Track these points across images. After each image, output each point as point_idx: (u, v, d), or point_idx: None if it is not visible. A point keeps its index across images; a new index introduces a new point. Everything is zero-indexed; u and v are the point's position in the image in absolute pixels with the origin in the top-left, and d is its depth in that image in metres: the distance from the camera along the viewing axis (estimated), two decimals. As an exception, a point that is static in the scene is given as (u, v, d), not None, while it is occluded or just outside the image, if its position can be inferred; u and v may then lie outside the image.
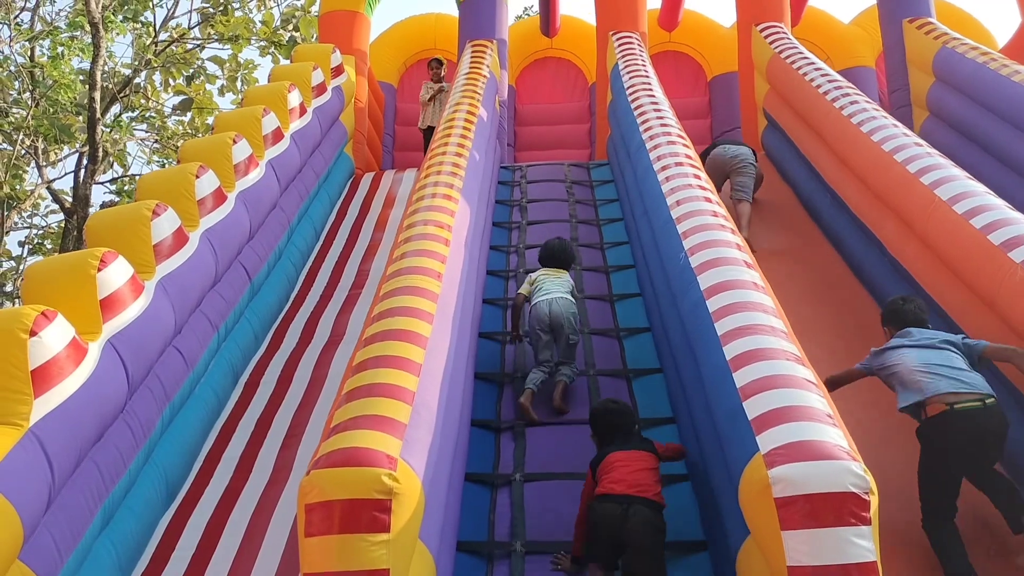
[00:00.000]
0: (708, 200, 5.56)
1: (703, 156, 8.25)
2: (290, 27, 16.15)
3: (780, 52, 9.38)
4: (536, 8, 16.37)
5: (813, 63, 8.74)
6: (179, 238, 5.25)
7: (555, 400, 5.28)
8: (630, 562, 3.89)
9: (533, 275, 5.80)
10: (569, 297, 5.58)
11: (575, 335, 5.49)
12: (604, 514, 3.95)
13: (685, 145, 6.73)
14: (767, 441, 3.23)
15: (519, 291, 5.79)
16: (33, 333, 3.67)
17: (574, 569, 4.10)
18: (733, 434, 3.51)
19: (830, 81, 8.10)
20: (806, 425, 3.25)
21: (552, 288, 5.58)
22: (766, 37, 9.94)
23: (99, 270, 4.32)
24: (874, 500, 3.04)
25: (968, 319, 5.15)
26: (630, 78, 8.60)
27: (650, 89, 8.16)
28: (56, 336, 3.79)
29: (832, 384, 4.55)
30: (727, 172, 7.95)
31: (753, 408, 3.44)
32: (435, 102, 10.24)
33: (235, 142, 6.41)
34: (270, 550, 4.32)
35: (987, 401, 4.13)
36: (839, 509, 2.98)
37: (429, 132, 9.97)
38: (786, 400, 3.42)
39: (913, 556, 4.13)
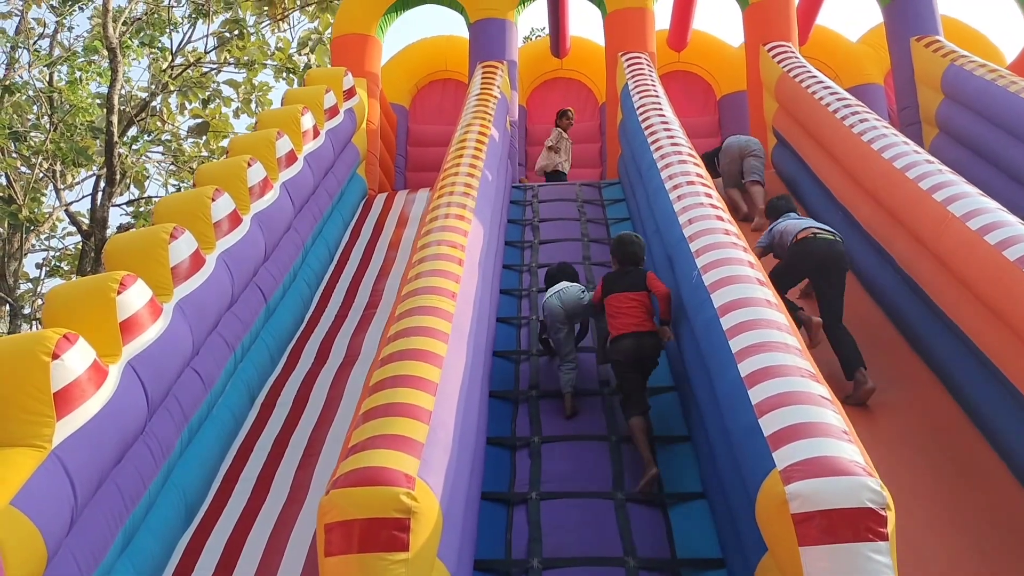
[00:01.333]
0: (720, 218, 5.59)
1: (714, 154, 8.89)
2: (306, 50, 16.33)
3: (789, 71, 9.43)
4: (545, 30, 16.50)
5: (822, 81, 8.78)
6: (196, 260, 5.32)
7: (567, 412, 5.50)
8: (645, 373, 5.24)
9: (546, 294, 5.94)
10: (576, 286, 5.82)
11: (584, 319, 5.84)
12: (623, 348, 5.24)
13: (696, 164, 6.77)
14: (784, 457, 3.25)
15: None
16: (55, 356, 3.72)
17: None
18: (749, 451, 3.53)
19: (839, 99, 8.14)
20: (822, 441, 3.27)
21: (559, 287, 5.82)
22: (774, 56, 9.99)
23: (119, 293, 4.38)
24: (891, 516, 3.06)
25: (983, 336, 5.15)
26: (640, 98, 8.66)
27: (660, 109, 8.22)
28: (78, 359, 3.84)
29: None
30: (742, 156, 8.76)
31: (769, 424, 3.46)
32: (559, 150, 10.53)
33: (250, 165, 6.49)
34: (288, 570, 4.33)
35: (838, 238, 5.95)
36: (856, 525, 3.00)
37: (551, 175, 10.48)
38: (802, 416, 3.44)
39: (930, 570, 4.13)
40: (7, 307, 15.56)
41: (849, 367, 5.56)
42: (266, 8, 16.36)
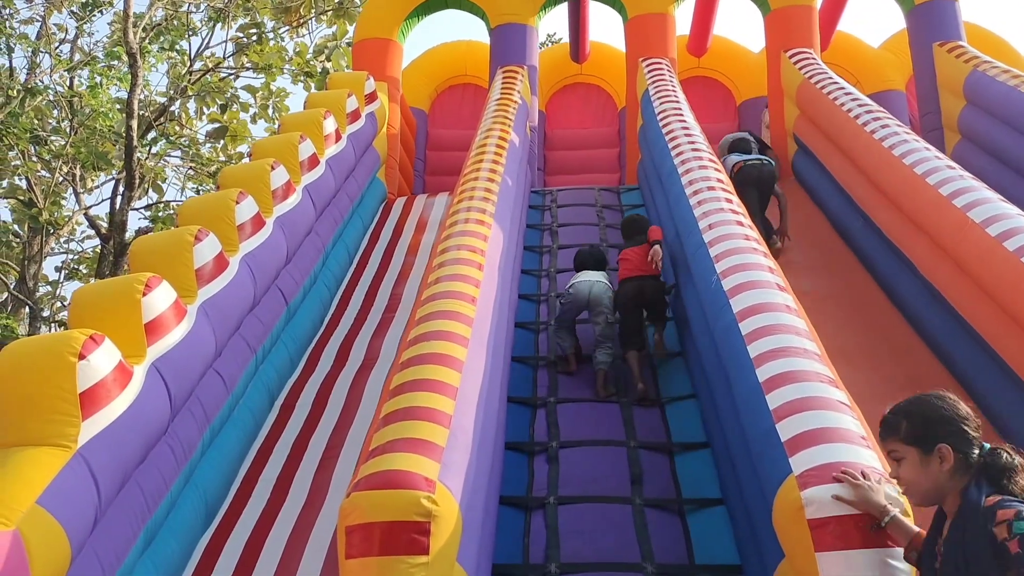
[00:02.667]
0: (740, 224, 5.59)
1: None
2: (322, 57, 16.42)
3: (810, 77, 9.40)
4: (560, 35, 16.55)
5: (843, 87, 8.75)
6: (220, 263, 5.36)
7: (599, 390, 5.77)
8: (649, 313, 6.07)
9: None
10: (606, 283, 6.19)
11: (612, 315, 6.07)
12: (626, 290, 6.06)
13: (717, 170, 6.76)
14: (800, 463, 3.24)
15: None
16: (82, 356, 3.75)
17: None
18: (767, 456, 3.52)
19: (860, 105, 8.11)
20: (839, 447, 3.26)
21: (591, 276, 6.21)
22: (795, 63, 9.96)
23: (144, 295, 4.42)
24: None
25: (1002, 341, 5.12)
26: (661, 103, 8.66)
27: (681, 114, 8.21)
28: (104, 359, 3.88)
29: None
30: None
31: (786, 430, 3.45)
32: None
33: (273, 168, 6.54)
34: (308, 571, 4.35)
35: (764, 162, 7.92)
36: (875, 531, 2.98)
37: None
38: (819, 422, 3.43)
39: None
40: (27, 309, 15.70)
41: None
42: (282, 15, 16.46)
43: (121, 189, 15.33)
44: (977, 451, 2.60)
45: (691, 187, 6.41)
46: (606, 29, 45.15)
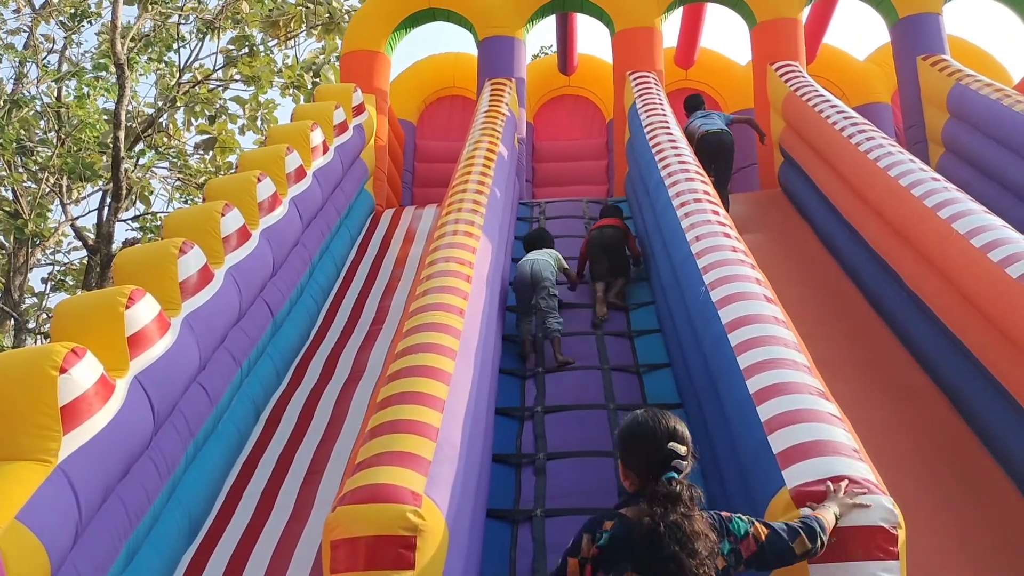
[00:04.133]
0: (727, 235, 5.59)
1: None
2: (311, 73, 16.40)
3: (796, 89, 9.45)
4: (553, 47, 16.58)
5: (828, 100, 8.80)
6: (205, 275, 5.32)
7: (558, 357, 6.16)
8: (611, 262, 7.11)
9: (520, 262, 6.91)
10: (547, 259, 6.71)
11: (554, 287, 6.56)
12: (593, 235, 7.31)
13: (703, 182, 6.78)
14: (793, 475, 3.23)
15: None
16: (63, 370, 3.71)
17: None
18: (758, 468, 3.50)
19: (845, 117, 8.15)
20: (833, 459, 3.25)
21: (533, 256, 6.77)
22: (782, 75, 10.02)
23: (127, 307, 4.37)
24: (902, 534, 3.04)
25: (989, 353, 5.13)
26: (648, 116, 8.68)
27: (668, 127, 8.24)
28: (85, 373, 3.84)
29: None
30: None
31: (778, 442, 3.44)
32: None
33: (259, 180, 6.51)
34: (292, 586, 4.32)
35: (724, 131, 8.84)
36: (867, 543, 2.97)
37: None
38: (812, 434, 3.42)
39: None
40: (12, 321, 15.59)
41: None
42: (271, 29, 16.45)
43: (108, 200, 15.27)
44: None
45: (678, 198, 6.42)
46: (594, 41, 45.35)
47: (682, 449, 2.72)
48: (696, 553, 2.56)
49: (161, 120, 16.57)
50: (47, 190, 16.04)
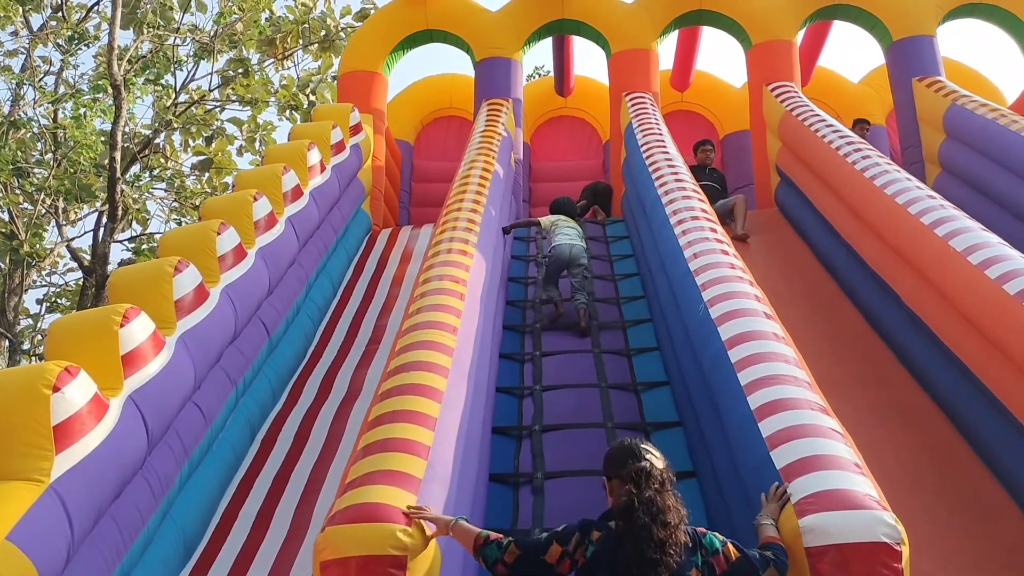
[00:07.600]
0: (725, 252, 5.59)
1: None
2: (307, 91, 16.46)
3: (791, 110, 9.48)
4: (546, 68, 16.69)
5: (824, 120, 8.83)
6: (200, 294, 5.30)
7: (581, 323, 6.82)
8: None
9: (551, 218, 7.60)
10: (583, 244, 7.35)
11: (588, 271, 7.27)
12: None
13: (700, 200, 6.79)
14: (797, 490, 3.21)
15: (540, 219, 7.78)
16: (56, 389, 3.68)
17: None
18: (761, 484, 3.48)
19: (841, 137, 8.17)
20: (836, 474, 3.23)
21: (571, 235, 7.32)
22: (777, 96, 10.06)
23: (121, 326, 4.35)
24: (905, 551, 3.01)
25: (987, 370, 5.12)
26: (644, 136, 8.70)
27: (664, 146, 8.26)
28: (79, 392, 3.80)
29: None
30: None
31: (781, 457, 3.42)
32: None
33: (256, 199, 6.50)
34: (287, 608, 4.27)
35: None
36: (871, 559, 2.95)
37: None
38: (814, 449, 3.40)
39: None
40: (6, 343, 15.52)
41: None
42: (267, 48, 16.51)
43: (104, 221, 15.25)
44: None
45: (675, 216, 6.42)
46: (591, 63, 45.64)
47: (657, 457, 3.11)
48: (667, 524, 2.88)
49: (158, 141, 16.59)
50: (43, 211, 16.03)
